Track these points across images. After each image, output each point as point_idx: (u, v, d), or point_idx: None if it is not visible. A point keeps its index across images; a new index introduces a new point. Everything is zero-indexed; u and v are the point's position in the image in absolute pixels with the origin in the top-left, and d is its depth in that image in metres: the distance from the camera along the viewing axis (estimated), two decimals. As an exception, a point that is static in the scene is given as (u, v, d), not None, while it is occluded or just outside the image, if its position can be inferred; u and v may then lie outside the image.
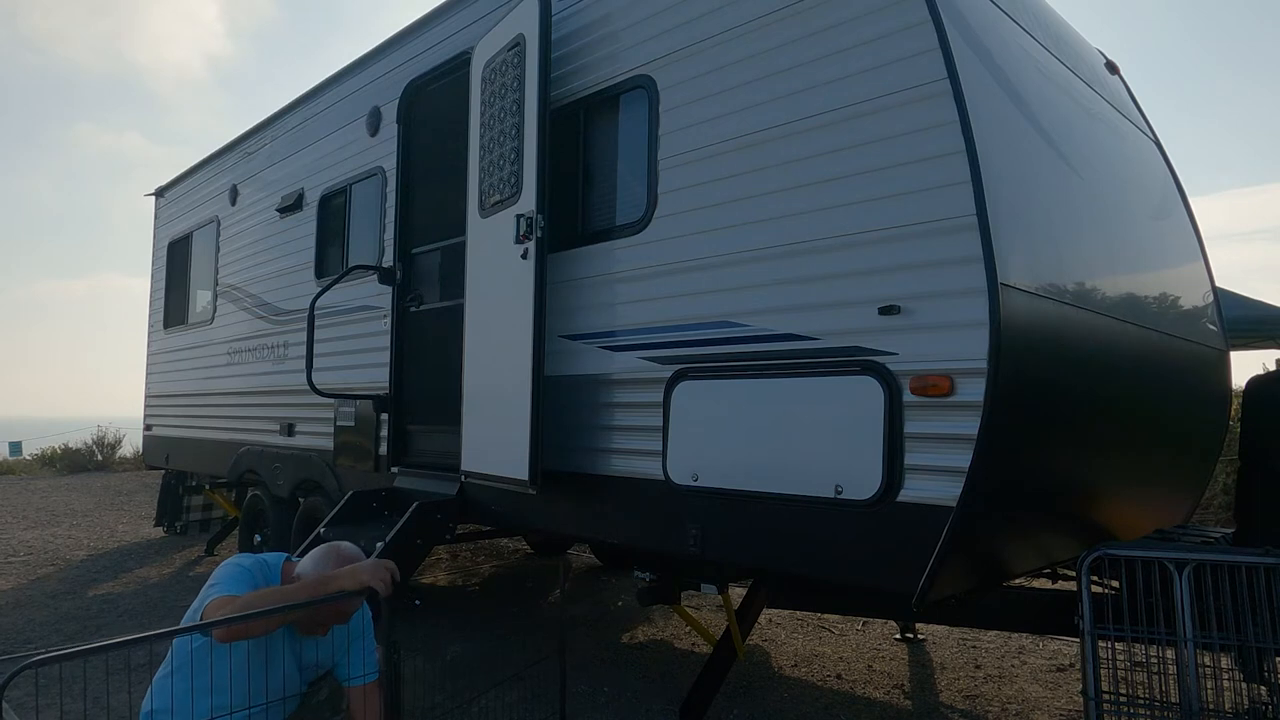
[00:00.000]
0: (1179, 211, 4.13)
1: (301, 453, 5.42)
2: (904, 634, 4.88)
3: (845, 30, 2.78)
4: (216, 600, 2.16)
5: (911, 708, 3.84)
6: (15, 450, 17.88)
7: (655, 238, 3.32)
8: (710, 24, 3.19)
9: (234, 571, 2.34)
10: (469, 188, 4.00)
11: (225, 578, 2.30)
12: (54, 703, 3.83)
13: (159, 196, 8.40)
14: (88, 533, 8.59)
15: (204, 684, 2.19)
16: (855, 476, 2.61)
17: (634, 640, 4.89)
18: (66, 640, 4.78)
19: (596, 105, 3.69)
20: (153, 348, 8.19)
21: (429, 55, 4.68)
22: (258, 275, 6.28)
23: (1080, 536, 3.14)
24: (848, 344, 2.69)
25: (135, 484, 13.10)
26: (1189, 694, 2.71)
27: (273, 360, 5.93)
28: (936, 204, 2.50)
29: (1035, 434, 2.65)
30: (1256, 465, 3.64)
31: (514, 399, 3.49)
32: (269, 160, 6.33)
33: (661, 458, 3.18)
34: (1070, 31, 3.81)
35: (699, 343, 3.12)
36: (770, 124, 2.95)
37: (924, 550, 2.44)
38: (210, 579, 2.35)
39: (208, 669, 2.17)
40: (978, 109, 2.51)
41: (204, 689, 2.19)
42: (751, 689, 4.04)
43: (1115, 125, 3.80)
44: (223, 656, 2.20)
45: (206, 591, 2.27)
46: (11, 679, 1.66)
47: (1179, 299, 3.76)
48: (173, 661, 2.28)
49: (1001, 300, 2.36)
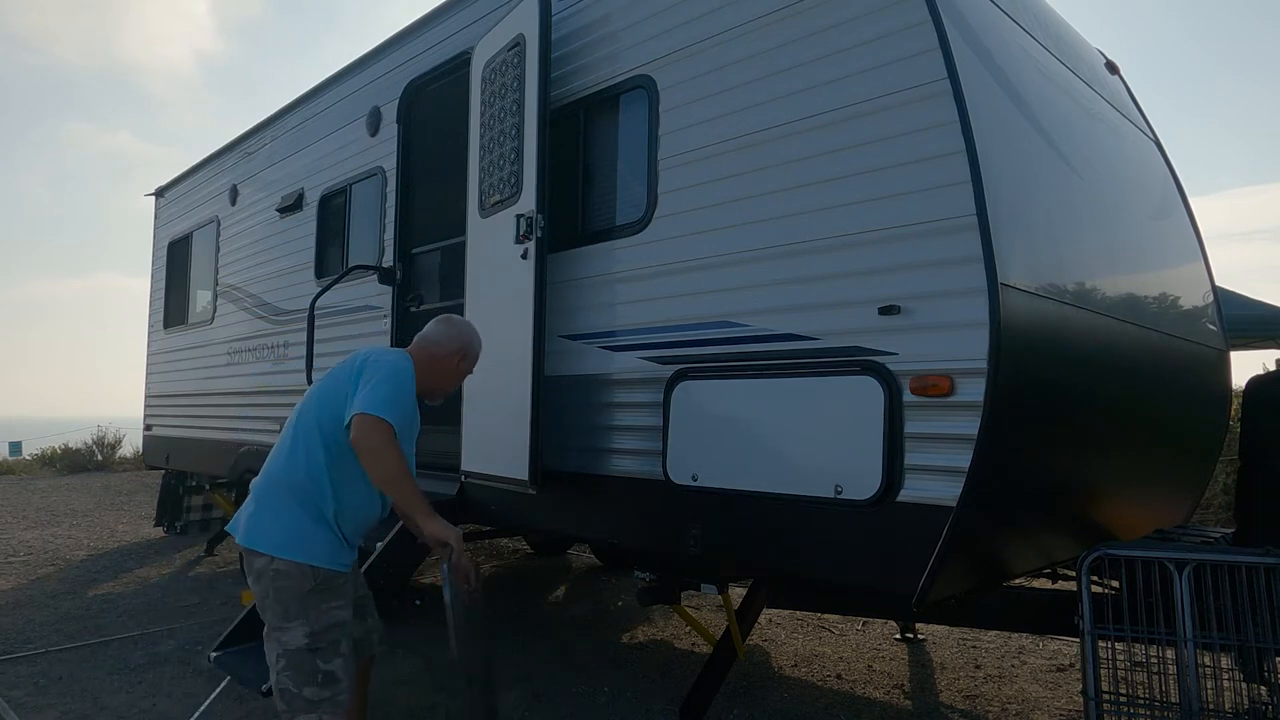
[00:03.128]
0: (1179, 211, 4.13)
1: (301, 453, 5.42)
2: (904, 634, 4.88)
3: (845, 30, 2.78)
4: (384, 426, 2.33)
5: (911, 708, 3.85)
6: (15, 450, 17.89)
7: (655, 238, 3.31)
8: (710, 24, 3.19)
9: (403, 385, 2.48)
10: (469, 188, 4.00)
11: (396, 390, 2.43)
12: (54, 703, 3.83)
13: (159, 196, 8.40)
14: (88, 533, 8.60)
15: (353, 473, 2.43)
16: (855, 476, 2.61)
17: (634, 640, 4.89)
18: (67, 640, 4.78)
19: (596, 105, 3.69)
20: (153, 348, 8.19)
21: (429, 55, 4.68)
22: (258, 275, 6.28)
23: (1080, 536, 3.14)
24: (848, 344, 2.69)
25: (135, 484, 13.10)
26: (1189, 694, 2.71)
27: (273, 360, 5.93)
28: (936, 204, 2.50)
29: (1035, 434, 2.65)
30: (1256, 465, 3.64)
31: (514, 399, 3.49)
32: (269, 160, 6.33)
33: (661, 458, 3.18)
34: (1070, 31, 3.81)
35: (699, 343, 3.12)
36: (770, 124, 2.95)
37: (924, 550, 2.44)
38: (375, 362, 2.48)
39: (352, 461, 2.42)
40: (978, 109, 2.51)
41: (355, 477, 2.44)
42: (751, 689, 4.04)
43: (1115, 125, 3.80)
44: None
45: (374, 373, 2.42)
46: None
47: (1179, 299, 3.76)
48: (327, 455, 2.42)
49: (1001, 300, 2.36)
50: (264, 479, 2.46)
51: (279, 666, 2.32)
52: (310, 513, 2.40)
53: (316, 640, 2.33)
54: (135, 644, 4.72)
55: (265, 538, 2.37)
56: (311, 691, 2.30)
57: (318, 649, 2.33)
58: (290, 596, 2.33)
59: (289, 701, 2.32)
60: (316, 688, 2.31)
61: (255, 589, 2.40)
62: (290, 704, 2.32)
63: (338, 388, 2.46)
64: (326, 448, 2.42)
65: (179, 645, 4.69)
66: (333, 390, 2.47)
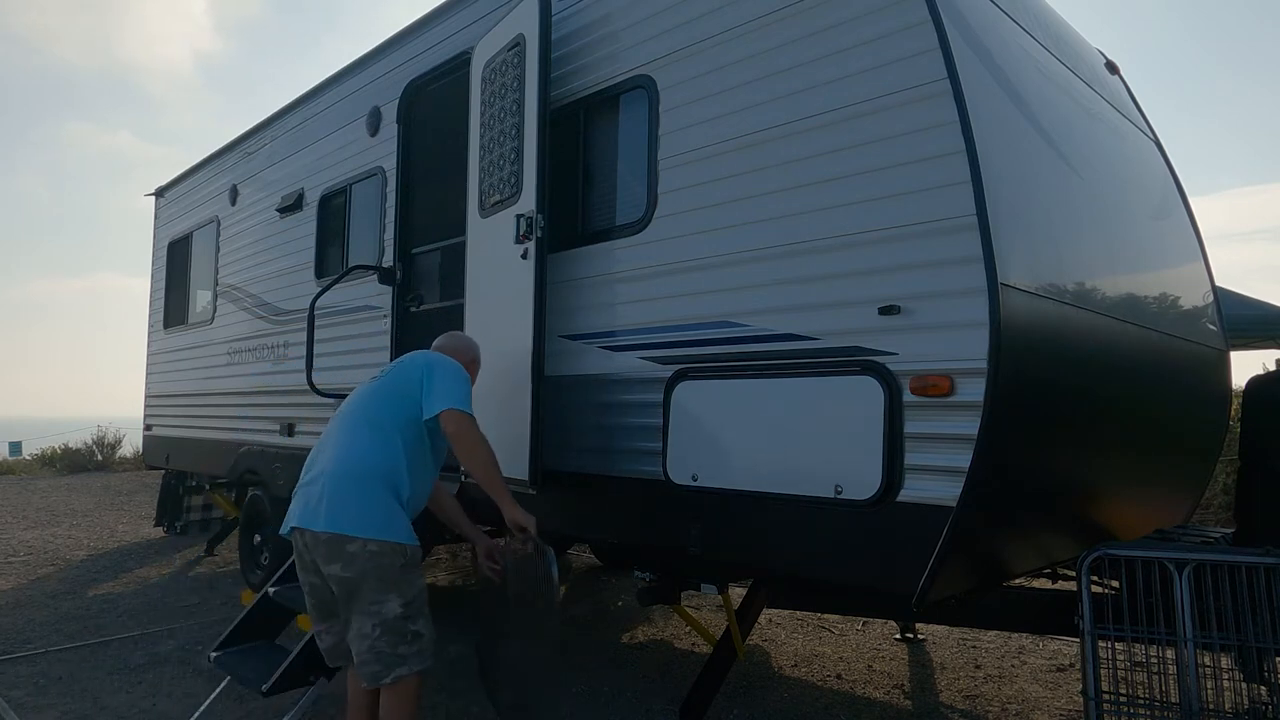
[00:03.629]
0: (1179, 211, 4.13)
1: (302, 453, 5.40)
2: (904, 634, 4.88)
3: (845, 30, 2.78)
4: (473, 420, 2.77)
5: (911, 708, 3.85)
6: (15, 450, 17.88)
7: (655, 238, 3.32)
8: (710, 24, 3.19)
9: (469, 385, 2.88)
10: (469, 188, 4.00)
11: (468, 389, 2.85)
12: (54, 703, 3.83)
13: (159, 196, 8.40)
14: (88, 533, 8.60)
15: (424, 462, 2.82)
16: (855, 476, 2.61)
17: (634, 640, 4.89)
18: (67, 640, 4.78)
19: (596, 105, 3.69)
20: (153, 348, 8.18)
21: (429, 55, 4.68)
22: (258, 275, 6.27)
23: (1080, 536, 3.14)
24: (848, 344, 2.69)
25: (135, 484, 13.10)
26: (1189, 694, 2.71)
27: (273, 360, 5.93)
28: (936, 204, 2.50)
29: (1035, 434, 2.65)
30: (1256, 465, 3.64)
31: (514, 399, 3.49)
32: (269, 160, 6.33)
33: (661, 458, 3.18)
34: (1070, 31, 3.81)
35: (699, 343, 3.12)
36: (770, 124, 2.95)
37: (924, 550, 2.44)
38: (441, 364, 2.85)
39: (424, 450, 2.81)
40: (978, 109, 2.51)
41: (424, 465, 2.82)
42: (751, 689, 4.04)
43: (1115, 125, 3.80)
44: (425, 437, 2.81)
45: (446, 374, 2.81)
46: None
47: (1179, 299, 3.76)
48: (405, 445, 2.73)
49: (1001, 300, 2.36)
50: (336, 468, 2.66)
51: (374, 635, 2.59)
52: (393, 496, 2.67)
53: (408, 608, 2.63)
54: (135, 644, 4.72)
55: (356, 522, 2.59)
56: (404, 648, 2.62)
57: (408, 615, 2.63)
58: (387, 574, 2.59)
59: (384, 661, 2.60)
60: (407, 645, 2.63)
61: (344, 571, 2.58)
62: (385, 663, 2.60)
63: (406, 387, 2.79)
64: (404, 439, 2.73)
65: (179, 645, 4.70)
66: (402, 388, 2.80)
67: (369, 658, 2.60)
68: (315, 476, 2.69)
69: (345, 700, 2.92)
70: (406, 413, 2.75)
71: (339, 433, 2.76)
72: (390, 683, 2.61)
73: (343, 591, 2.62)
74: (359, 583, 2.58)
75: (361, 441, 2.70)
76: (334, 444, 2.73)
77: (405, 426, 2.74)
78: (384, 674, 2.60)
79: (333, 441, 2.75)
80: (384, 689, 2.64)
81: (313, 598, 2.77)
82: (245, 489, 6.51)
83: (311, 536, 2.62)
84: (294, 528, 2.68)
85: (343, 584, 2.60)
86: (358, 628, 2.62)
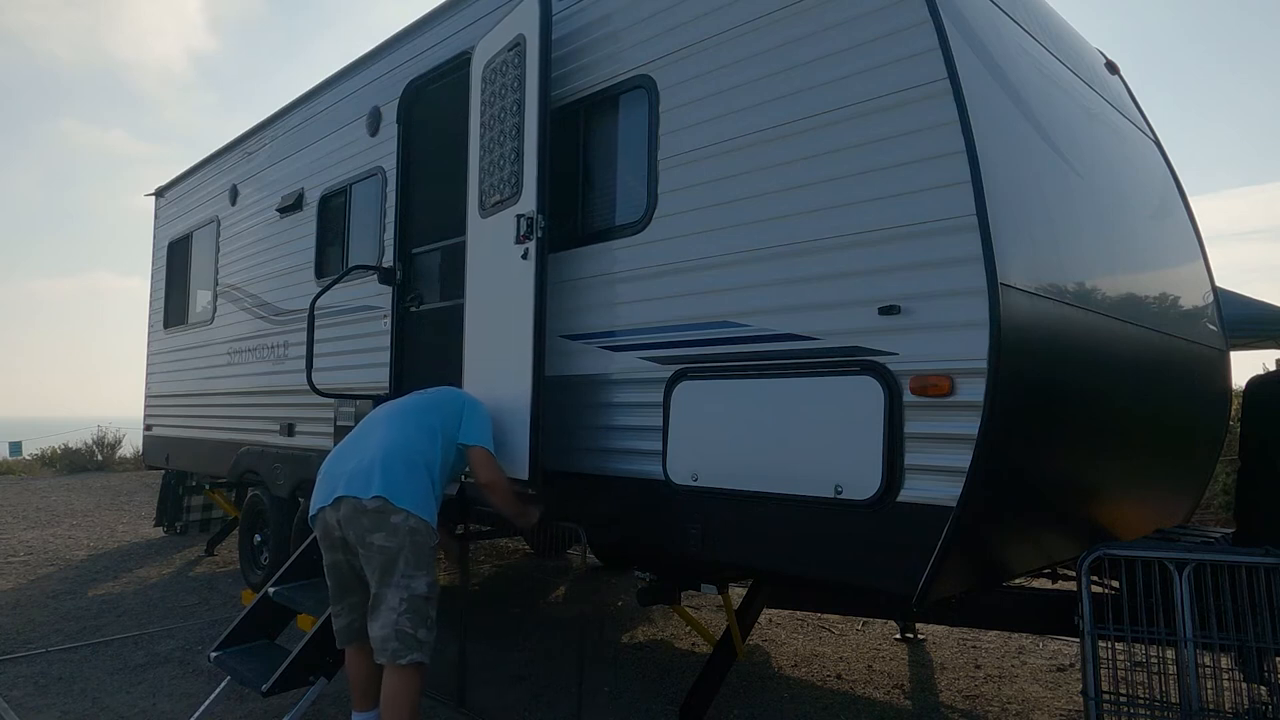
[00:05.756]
0: (1179, 211, 4.13)
1: (302, 453, 5.42)
2: (904, 634, 4.88)
3: (845, 30, 2.78)
4: (493, 460, 3.16)
5: (911, 708, 3.85)
6: (15, 450, 17.89)
7: (655, 238, 3.32)
8: (710, 24, 3.19)
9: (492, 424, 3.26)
10: (469, 188, 4.00)
11: (491, 428, 3.23)
12: (54, 703, 3.83)
13: (158, 196, 8.39)
14: (88, 533, 8.60)
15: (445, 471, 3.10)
16: (855, 476, 2.61)
17: (634, 640, 4.89)
18: (67, 640, 4.78)
19: (597, 105, 3.69)
20: (153, 348, 8.18)
21: (429, 55, 4.68)
22: (258, 275, 6.27)
23: (1080, 536, 3.14)
24: (848, 344, 2.69)
25: (135, 484, 13.11)
26: (1189, 694, 2.71)
27: (273, 360, 5.93)
28: (936, 204, 2.50)
29: (1035, 434, 2.65)
30: (1256, 465, 3.64)
31: (514, 399, 3.49)
32: (269, 160, 6.33)
33: (661, 458, 3.18)
34: (1070, 31, 3.81)
35: (699, 343, 3.12)
36: (770, 124, 2.95)
37: (924, 550, 2.44)
38: (474, 403, 3.26)
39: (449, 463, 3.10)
40: (978, 109, 2.51)
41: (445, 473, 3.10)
42: (751, 689, 4.04)
43: (1115, 125, 3.80)
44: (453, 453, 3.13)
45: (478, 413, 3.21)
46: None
47: (1179, 299, 3.76)
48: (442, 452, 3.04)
49: (1001, 300, 2.36)
50: (390, 448, 2.91)
51: (401, 609, 2.76)
52: (431, 485, 2.95)
53: (432, 590, 2.85)
54: (135, 644, 4.72)
55: (405, 495, 2.82)
56: (424, 634, 2.81)
57: (430, 598, 2.84)
58: (423, 551, 2.84)
59: (405, 641, 2.76)
60: (426, 630, 2.82)
61: (386, 541, 2.77)
62: (406, 644, 2.76)
63: (449, 408, 3.17)
64: (443, 448, 3.05)
65: (179, 645, 4.70)
66: (444, 406, 3.17)
67: (390, 634, 2.76)
68: (364, 457, 2.89)
69: (345, 700, 2.93)
70: (446, 427, 3.09)
71: (387, 423, 3.05)
72: (405, 664, 2.75)
73: (380, 561, 2.78)
74: (396, 554, 2.77)
75: (410, 432, 3.01)
76: (384, 432, 3.00)
77: (444, 436, 3.07)
78: (402, 653, 2.75)
79: (381, 430, 3.01)
80: (393, 673, 2.77)
81: (333, 577, 2.98)
82: (245, 489, 6.52)
83: (353, 507, 2.79)
84: (337, 498, 2.84)
85: (382, 553, 2.77)
86: (386, 601, 2.78)
